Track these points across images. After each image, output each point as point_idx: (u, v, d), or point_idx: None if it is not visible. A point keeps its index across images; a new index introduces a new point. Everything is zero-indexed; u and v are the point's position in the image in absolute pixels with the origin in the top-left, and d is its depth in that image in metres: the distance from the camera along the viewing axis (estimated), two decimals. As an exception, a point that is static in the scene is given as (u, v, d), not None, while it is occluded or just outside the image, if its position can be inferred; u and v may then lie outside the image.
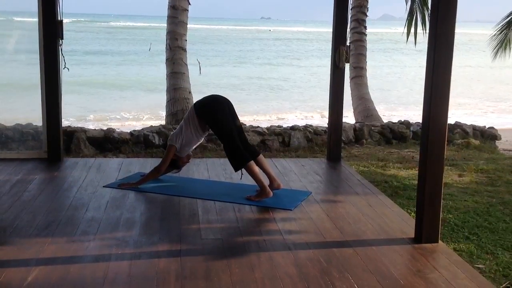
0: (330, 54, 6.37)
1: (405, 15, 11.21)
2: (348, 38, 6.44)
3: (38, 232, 4.00)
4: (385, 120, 10.88)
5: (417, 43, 10.98)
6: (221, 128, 4.95)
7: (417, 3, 10.86)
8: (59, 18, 5.91)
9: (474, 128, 9.60)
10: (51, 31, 5.91)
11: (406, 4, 11.06)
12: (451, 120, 7.28)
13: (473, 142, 8.95)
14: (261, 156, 5.16)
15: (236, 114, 5.13)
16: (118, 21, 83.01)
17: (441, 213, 4.00)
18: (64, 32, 5.97)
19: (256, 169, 4.95)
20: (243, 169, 4.96)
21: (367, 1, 11.71)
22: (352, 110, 11.81)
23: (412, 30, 11.03)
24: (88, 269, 3.41)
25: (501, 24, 10.95)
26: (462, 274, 3.49)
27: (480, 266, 4.03)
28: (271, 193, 4.91)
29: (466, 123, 9.89)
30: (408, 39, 11.16)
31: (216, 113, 4.97)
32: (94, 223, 4.22)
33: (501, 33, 10.94)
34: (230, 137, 4.92)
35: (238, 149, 4.90)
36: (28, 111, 7.55)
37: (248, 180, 5.53)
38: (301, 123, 10.54)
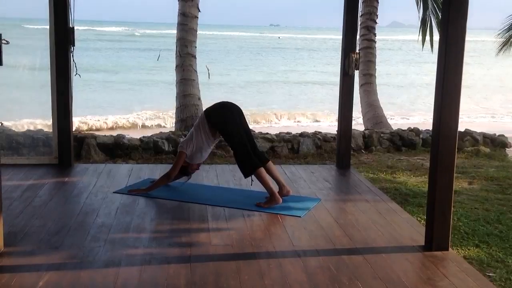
0: (340, 61, 6.38)
1: (415, 23, 11.22)
2: (358, 45, 6.44)
3: (49, 238, 4.02)
4: (394, 127, 10.85)
5: (427, 51, 10.99)
6: (232, 134, 4.97)
7: (430, 9, 10.83)
8: (70, 25, 5.96)
9: (484, 135, 9.54)
10: (62, 38, 5.96)
11: (418, 11, 11.05)
12: (461, 127, 7.13)
13: (483, 149, 8.90)
14: (270, 163, 5.17)
15: (246, 121, 5.15)
16: (129, 28, 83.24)
17: (451, 221, 3.98)
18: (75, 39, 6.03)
19: (266, 175, 4.96)
20: (253, 176, 4.97)
21: (377, 9, 11.71)
22: (361, 117, 11.80)
23: (427, 38, 11.01)
24: (98, 275, 3.42)
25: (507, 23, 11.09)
26: (472, 282, 3.47)
27: (490, 274, 4.01)
28: (281, 200, 4.92)
29: (476, 130, 9.84)
30: (421, 45, 11.15)
31: (226, 120, 5.00)
32: (105, 228, 4.24)
33: (508, 31, 11.09)
34: (240, 144, 4.93)
35: (248, 156, 4.91)
36: (39, 117, 7.62)
37: (257, 186, 5.53)
38: (311, 129, 10.52)
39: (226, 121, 5.00)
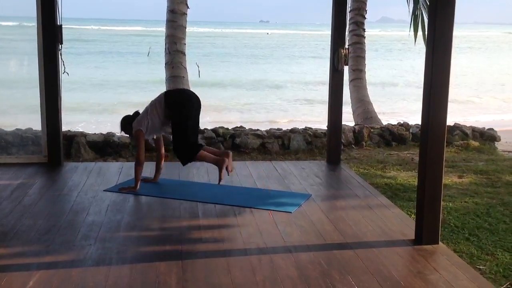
0: (329, 56, 6.39)
1: (404, 18, 11.21)
2: (347, 41, 6.45)
3: (39, 237, 4.01)
4: (384, 122, 10.88)
5: (419, 45, 10.97)
6: (180, 122, 5.09)
7: (421, 3, 10.81)
8: (58, 23, 5.93)
9: (474, 129, 9.59)
10: (50, 36, 5.92)
11: (408, 6, 11.05)
12: (450, 121, 7.14)
13: (472, 143, 8.95)
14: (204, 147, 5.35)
15: (199, 115, 5.28)
16: (117, 26, 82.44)
17: (441, 215, 4.01)
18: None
19: (204, 152, 5.18)
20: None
21: (366, 4, 11.72)
22: (352, 113, 11.81)
23: (420, 33, 10.97)
24: (89, 273, 3.41)
25: None
26: (462, 275, 3.50)
27: (480, 267, 4.03)
28: (226, 159, 5.16)
29: (466, 124, 9.89)
30: (411, 40, 11.13)
31: (182, 107, 5.12)
32: (95, 227, 4.22)
33: None
34: (184, 133, 5.09)
35: (186, 145, 5.09)
36: (28, 116, 7.53)
37: (247, 183, 5.56)
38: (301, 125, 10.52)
39: (182, 108, 5.11)
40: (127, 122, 5.35)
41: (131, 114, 5.38)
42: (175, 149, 5.15)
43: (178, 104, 5.13)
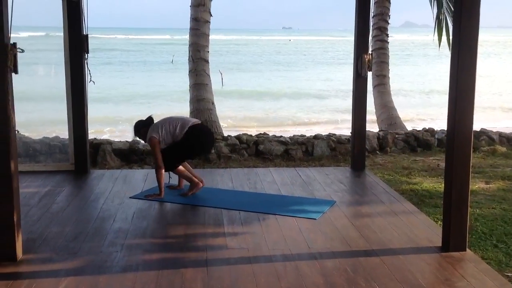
0: (353, 62, 6.37)
1: (428, 22, 11.10)
2: (370, 46, 6.42)
3: (67, 243, 4.06)
4: (409, 128, 10.79)
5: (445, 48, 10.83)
6: (183, 147, 5.27)
7: (444, 7, 10.70)
8: (84, 33, 6.02)
9: (500, 134, 9.46)
10: (76, 45, 6.02)
11: (432, 10, 10.95)
12: (476, 126, 7.00)
13: (499, 149, 8.82)
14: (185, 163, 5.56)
15: (200, 154, 5.62)
16: (143, 35, 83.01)
17: (468, 221, 3.96)
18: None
19: (181, 168, 5.39)
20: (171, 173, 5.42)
21: (389, 9, 11.66)
22: (376, 118, 11.73)
23: (444, 38, 10.85)
24: (116, 280, 3.45)
25: None
26: (490, 282, 3.45)
27: (509, 274, 3.97)
28: (200, 184, 5.41)
29: (492, 129, 9.75)
30: (438, 45, 11.01)
31: (196, 142, 5.30)
32: (122, 233, 4.27)
33: None
34: (178, 153, 5.28)
35: (170, 161, 5.23)
36: (55, 126, 7.64)
37: (272, 190, 5.57)
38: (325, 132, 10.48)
39: (197, 141, 5.30)
40: (140, 127, 5.42)
41: (144, 119, 5.45)
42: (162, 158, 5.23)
43: (195, 136, 5.27)
